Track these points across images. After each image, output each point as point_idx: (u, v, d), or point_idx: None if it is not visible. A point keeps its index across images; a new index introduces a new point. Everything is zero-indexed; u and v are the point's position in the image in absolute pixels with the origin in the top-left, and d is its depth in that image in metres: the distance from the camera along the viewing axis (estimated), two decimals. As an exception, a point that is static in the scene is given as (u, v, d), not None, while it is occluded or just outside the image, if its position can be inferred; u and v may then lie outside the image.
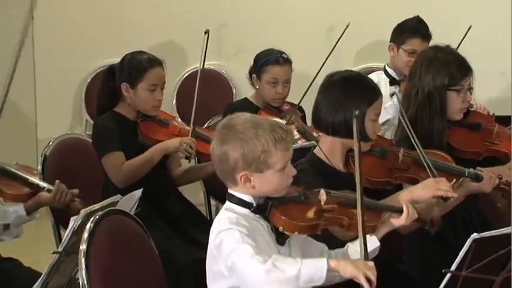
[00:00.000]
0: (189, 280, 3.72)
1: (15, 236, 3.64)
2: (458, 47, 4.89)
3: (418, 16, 5.05)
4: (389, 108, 4.60)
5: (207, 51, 4.58)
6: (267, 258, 2.53)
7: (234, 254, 2.57)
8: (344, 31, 5.20)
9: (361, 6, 6.43)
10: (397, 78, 5.02)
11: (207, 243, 3.81)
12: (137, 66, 4.06)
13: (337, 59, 5.21)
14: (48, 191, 3.66)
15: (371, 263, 2.56)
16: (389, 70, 5.06)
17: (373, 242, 2.80)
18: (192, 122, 4.17)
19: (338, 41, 5.13)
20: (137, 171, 3.95)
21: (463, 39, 5.20)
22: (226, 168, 2.68)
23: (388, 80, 5.03)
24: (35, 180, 3.57)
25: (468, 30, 5.27)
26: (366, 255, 2.61)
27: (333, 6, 6.52)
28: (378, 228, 2.86)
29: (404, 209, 2.88)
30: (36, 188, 3.55)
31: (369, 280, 2.51)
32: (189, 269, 3.73)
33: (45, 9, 6.54)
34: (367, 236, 2.69)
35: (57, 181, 3.55)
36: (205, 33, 4.53)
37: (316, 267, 2.54)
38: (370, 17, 6.30)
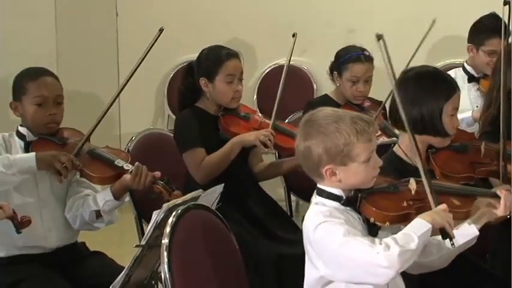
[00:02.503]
0: (270, 275, 3.71)
1: (109, 223, 3.66)
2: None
3: (493, 12, 4.84)
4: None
5: (287, 47, 4.57)
6: (386, 243, 2.52)
7: (348, 249, 2.54)
8: (430, 28, 5.10)
9: (442, 1, 6.33)
10: (475, 75, 4.93)
11: (288, 239, 3.84)
12: (213, 60, 4.08)
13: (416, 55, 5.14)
14: (132, 173, 3.69)
15: (443, 206, 2.64)
16: (468, 67, 4.97)
17: (472, 231, 2.76)
18: (273, 115, 4.15)
19: (425, 37, 5.01)
20: (217, 166, 3.97)
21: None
22: (311, 163, 2.68)
23: (466, 77, 4.95)
24: (121, 162, 3.60)
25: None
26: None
27: (414, 1, 6.44)
28: (478, 217, 2.81)
29: (502, 197, 2.83)
30: (121, 171, 3.58)
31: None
32: (270, 264, 3.72)
33: (129, 5, 6.62)
34: (466, 225, 2.72)
35: (136, 163, 3.57)
36: (293, 36, 4.51)
37: (425, 230, 2.57)
38: (449, 12, 6.20)
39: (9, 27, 6.21)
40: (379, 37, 2.79)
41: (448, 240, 2.63)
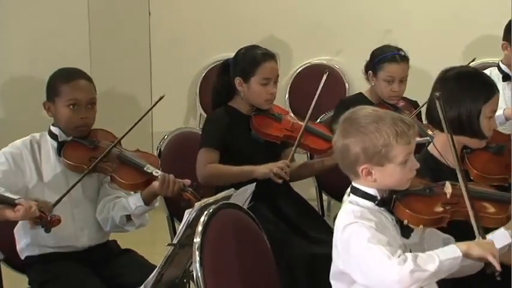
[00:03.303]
0: (301, 274, 3.70)
1: (139, 226, 3.66)
2: None
3: None
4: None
5: (319, 46, 4.55)
6: (405, 258, 2.51)
7: (368, 256, 2.54)
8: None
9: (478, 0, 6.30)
10: (510, 74, 4.89)
11: (320, 238, 3.83)
12: (250, 61, 4.07)
13: (451, 55, 5.12)
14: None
15: (491, 241, 2.59)
16: (503, 66, 4.94)
17: (505, 238, 2.72)
18: (307, 118, 4.13)
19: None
20: (219, 177, 3.93)
21: None
22: (348, 161, 2.67)
23: (500, 76, 4.90)
24: (150, 168, 3.60)
25: None
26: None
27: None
28: None
29: None
30: (150, 177, 3.58)
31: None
32: (302, 263, 3.71)
33: (162, 4, 6.64)
34: (501, 231, 2.69)
35: (161, 173, 3.57)
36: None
37: (453, 257, 2.54)
38: (485, 11, 6.16)
39: (43, 27, 6.25)
40: (438, 98, 2.76)
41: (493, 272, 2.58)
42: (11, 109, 6.33)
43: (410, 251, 2.70)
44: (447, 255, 2.54)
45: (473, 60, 5.21)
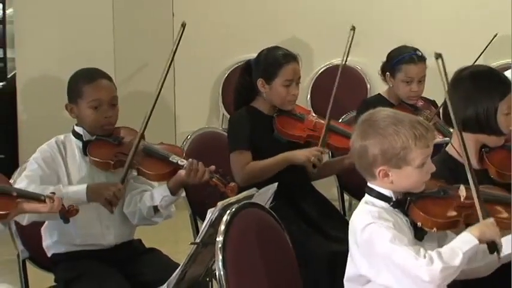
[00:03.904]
0: (323, 273, 3.71)
1: (167, 217, 3.68)
2: None
3: None
4: None
5: (341, 46, 4.55)
6: (430, 257, 2.52)
7: (394, 258, 2.55)
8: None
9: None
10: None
11: (341, 238, 3.82)
12: (273, 62, 4.07)
13: (467, 54, 5.10)
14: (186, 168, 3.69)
15: (492, 219, 2.61)
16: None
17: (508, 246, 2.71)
18: (327, 115, 4.14)
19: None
20: (259, 174, 3.95)
21: None
22: (365, 162, 2.67)
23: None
24: (175, 158, 3.61)
25: None
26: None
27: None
28: None
29: None
30: (176, 166, 3.60)
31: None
32: (324, 262, 3.71)
33: (186, 5, 6.65)
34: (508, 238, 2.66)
35: (189, 159, 3.58)
36: (352, 30, 4.46)
37: (472, 246, 2.55)
38: (499, 11, 6.13)
39: (69, 28, 6.29)
40: (438, 56, 2.76)
41: (495, 253, 2.59)
42: (34, 109, 6.37)
43: None
44: (467, 245, 2.55)
45: (481, 54, 5.14)
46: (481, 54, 4.92)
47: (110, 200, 3.46)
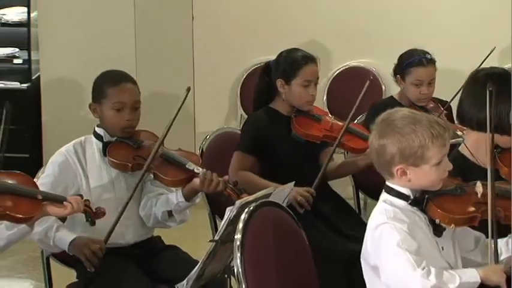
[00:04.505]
0: (339, 271, 3.70)
1: (181, 222, 3.69)
2: None
3: None
4: None
5: (357, 48, 4.54)
6: (428, 271, 2.54)
7: (395, 262, 2.58)
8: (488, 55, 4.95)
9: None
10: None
11: (357, 237, 3.81)
12: (292, 63, 4.08)
13: (481, 55, 5.07)
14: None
15: (501, 267, 2.64)
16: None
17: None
18: (348, 118, 4.12)
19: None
20: (248, 184, 3.86)
21: None
22: (384, 161, 2.69)
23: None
24: (191, 165, 3.62)
25: None
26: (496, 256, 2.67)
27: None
28: None
29: None
30: (192, 173, 3.61)
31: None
32: (340, 260, 3.71)
33: (205, 8, 6.67)
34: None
35: (203, 170, 3.59)
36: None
37: (472, 281, 2.59)
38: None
39: (92, 31, 6.31)
40: (491, 92, 2.76)
41: None
42: (57, 110, 6.40)
43: (443, 249, 2.71)
44: (468, 278, 2.59)
45: (492, 51, 5.12)
46: (488, 56, 4.88)
47: (88, 259, 3.44)
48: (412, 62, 4.54)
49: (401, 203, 2.70)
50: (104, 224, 3.46)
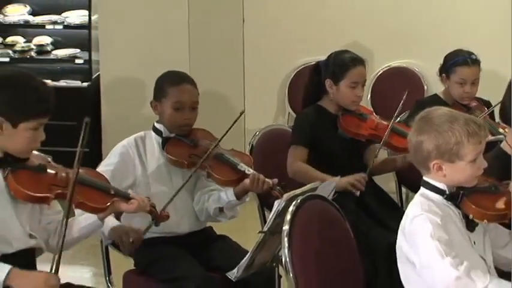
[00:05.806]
0: (382, 262, 3.70)
1: (231, 217, 3.73)
2: None
3: None
4: None
5: (398, 49, 4.53)
6: (459, 262, 2.52)
7: (427, 251, 2.57)
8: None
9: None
10: None
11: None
12: (340, 65, 4.08)
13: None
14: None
15: None
16: None
17: None
18: (393, 118, 4.11)
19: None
20: (302, 176, 3.93)
21: None
22: (421, 156, 2.69)
23: None
24: (243, 167, 3.65)
25: None
26: None
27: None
28: None
29: None
30: (243, 174, 3.63)
31: None
32: (382, 252, 3.70)
33: (255, 12, 6.69)
34: None
35: (252, 172, 3.61)
36: None
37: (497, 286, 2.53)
38: None
39: (148, 33, 6.38)
40: None
41: None
42: (116, 107, 6.48)
43: (474, 243, 2.70)
44: (499, 284, 2.54)
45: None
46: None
47: (125, 246, 3.44)
48: (457, 61, 4.53)
49: (436, 196, 2.70)
50: None
